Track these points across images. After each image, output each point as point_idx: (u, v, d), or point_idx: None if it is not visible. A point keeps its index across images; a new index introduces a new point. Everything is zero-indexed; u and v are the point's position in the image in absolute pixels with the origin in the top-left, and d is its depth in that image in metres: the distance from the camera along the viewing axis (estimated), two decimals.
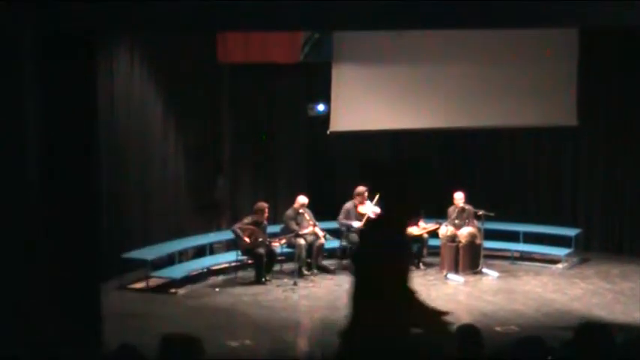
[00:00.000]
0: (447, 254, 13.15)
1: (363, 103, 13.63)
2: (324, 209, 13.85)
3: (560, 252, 13.83)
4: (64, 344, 7.54)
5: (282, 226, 13.25)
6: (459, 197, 13.40)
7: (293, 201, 13.23)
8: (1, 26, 7.67)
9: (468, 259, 13.11)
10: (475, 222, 13.35)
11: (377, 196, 13.25)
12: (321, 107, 14.26)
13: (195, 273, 12.70)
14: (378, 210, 13.23)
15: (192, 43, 13.28)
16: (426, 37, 13.07)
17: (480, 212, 13.14)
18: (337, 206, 13.55)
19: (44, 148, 8.26)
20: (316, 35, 13.28)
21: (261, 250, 12.48)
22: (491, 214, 13.10)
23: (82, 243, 8.59)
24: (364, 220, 13.21)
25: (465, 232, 13.20)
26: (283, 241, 12.86)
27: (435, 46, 13.33)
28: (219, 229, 14.20)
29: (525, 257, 14.02)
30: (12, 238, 7.85)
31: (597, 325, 5.18)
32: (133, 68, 12.75)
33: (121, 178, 12.57)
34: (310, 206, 13.23)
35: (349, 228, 13.28)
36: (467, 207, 13.38)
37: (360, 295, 4.60)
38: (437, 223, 13.54)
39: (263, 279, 12.48)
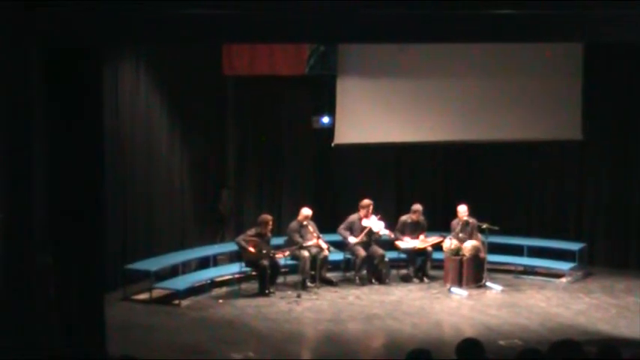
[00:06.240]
0: (450, 268, 13.13)
1: (368, 115, 13.64)
2: (328, 222, 13.84)
3: (564, 266, 13.80)
4: (68, 355, 7.55)
5: (286, 238, 13.24)
6: (462, 210, 13.37)
7: (297, 213, 13.22)
8: (7, 40, 7.70)
9: (472, 272, 13.08)
10: (479, 235, 13.32)
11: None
12: (325, 120, 14.24)
13: (198, 284, 12.68)
14: (381, 224, 13.24)
15: (197, 55, 13.31)
16: (430, 51, 13.11)
17: (484, 225, 13.10)
18: (341, 219, 13.54)
19: (50, 159, 8.30)
20: (321, 48, 13.29)
21: (265, 262, 12.47)
22: (496, 227, 13.08)
23: (86, 254, 8.62)
24: (365, 232, 13.19)
25: (468, 246, 13.17)
26: (287, 253, 12.84)
27: (440, 59, 13.35)
28: (223, 240, 14.20)
29: (529, 271, 13.97)
30: (17, 250, 7.87)
31: (570, 343, 5.26)
32: (139, 81, 12.78)
33: (126, 190, 12.60)
34: (314, 219, 13.22)
35: (346, 241, 13.27)
36: (471, 220, 13.35)
37: None
38: (441, 236, 13.53)
39: (267, 291, 12.46)
